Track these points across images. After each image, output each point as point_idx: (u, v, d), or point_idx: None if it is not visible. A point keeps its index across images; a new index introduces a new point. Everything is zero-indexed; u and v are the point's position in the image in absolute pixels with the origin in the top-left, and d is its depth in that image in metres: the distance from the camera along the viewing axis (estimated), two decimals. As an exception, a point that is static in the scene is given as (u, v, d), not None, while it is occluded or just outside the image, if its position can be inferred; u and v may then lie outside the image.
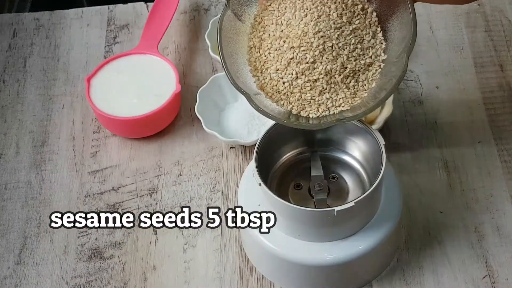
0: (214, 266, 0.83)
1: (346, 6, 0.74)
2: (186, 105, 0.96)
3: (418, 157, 0.90)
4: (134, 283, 0.82)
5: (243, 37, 0.76)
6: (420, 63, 0.99)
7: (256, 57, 0.75)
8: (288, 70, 0.73)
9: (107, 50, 1.04)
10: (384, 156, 0.75)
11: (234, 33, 0.75)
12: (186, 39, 1.04)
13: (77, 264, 0.84)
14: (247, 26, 0.76)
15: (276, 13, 0.75)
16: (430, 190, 0.87)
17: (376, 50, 0.74)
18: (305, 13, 0.73)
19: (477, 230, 0.84)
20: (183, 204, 0.88)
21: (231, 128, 0.92)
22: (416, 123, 0.93)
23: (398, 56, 0.73)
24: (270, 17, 0.75)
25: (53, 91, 1.00)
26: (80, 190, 0.90)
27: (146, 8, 1.08)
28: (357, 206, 0.72)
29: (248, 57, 0.75)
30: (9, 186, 0.91)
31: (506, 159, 0.89)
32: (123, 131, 0.94)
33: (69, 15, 1.08)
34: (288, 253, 0.76)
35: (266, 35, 0.75)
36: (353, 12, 0.74)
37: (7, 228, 0.87)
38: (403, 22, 0.73)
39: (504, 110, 0.94)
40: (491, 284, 0.79)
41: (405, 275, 0.81)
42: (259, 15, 0.76)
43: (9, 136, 0.95)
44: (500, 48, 1.00)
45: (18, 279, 0.83)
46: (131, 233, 0.86)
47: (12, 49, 1.05)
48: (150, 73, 0.96)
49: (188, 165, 0.91)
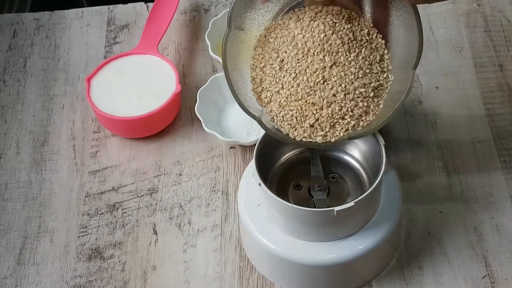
0: (214, 266, 0.83)
1: (353, 36, 0.74)
2: (186, 105, 0.96)
3: (418, 157, 0.90)
4: (134, 283, 0.82)
5: (247, 50, 0.76)
6: (420, 63, 0.99)
7: (260, 90, 0.76)
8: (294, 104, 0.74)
9: (107, 50, 1.04)
10: (384, 156, 0.75)
11: (237, 46, 0.75)
12: (186, 39, 1.04)
13: (77, 264, 0.84)
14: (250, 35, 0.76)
15: (276, 48, 0.75)
16: (430, 190, 0.87)
17: (385, 74, 0.75)
18: (308, 61, 0.74)
19: (476, 230, 0.84)
20: (183, 204, 0.88)
21: (231, 128, 0.93)
22: (416, 123, 0.93)
23: (402, 71, 0.73)
24: (270, 54, 0.75)
25: (53, 91, 1.00)
26: (80, 190, 0.90)
27: (146, 8, 1.08)
28: (357, 206, 0.72)
29: (252, 86, 0.76)
30: (9, 186, 0.91)
31: (506, 159, 0.89)
32: (123, 131, 0.94)
33: (69, 15, 1.08)
34: (288, 253, 0.76)
35: (268, 70, 0.75)
36: (360, 41, 0.74)
37: (7, 228, 0.87)
38: (409, 39, 0.74)
39: (504, 110, 0.94)
40: (491, 284, 0.80)
41: (405, 275, 0.81)
42: (259, 46, 0.76)
43: (9, 136, 0.96)
44: (499, 48, 1.00)
45: (18, 279, 0.83)
46: (131, 233, 0.86)
47: (12, 49, 1.05)
48: (150, 73, 0.96)
49: (188, 165, 0.91)
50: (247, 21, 0.75)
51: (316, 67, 0.73)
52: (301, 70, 0.73)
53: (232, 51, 0.74)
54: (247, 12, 0.74)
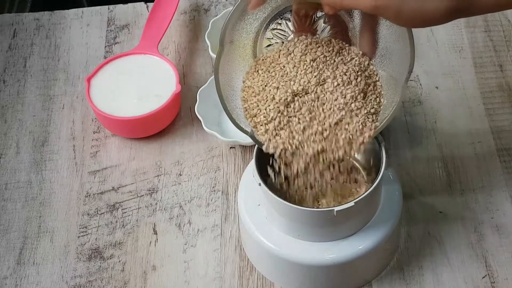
0: (214, 266, 0.83)
1: (346, 68, 0.74)
2: (186, 105, 0.96)
3: (418, 157, 0.90)
4: (134, 283, 0.82)
5: (237, 62, 0.76)
6: (420, 63, 0.99)
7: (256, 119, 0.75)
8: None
9: (107, 50, 1.04)
10: (384, 156, 0.75)
11: (228, 60, 0.74)
12: (186, 39, 1.04)
13: (77, 264, 0.84)
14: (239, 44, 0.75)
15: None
16: (430, 190, 0.87)
17: (378, 99, 0.75)
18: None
19: (476, 230, 0.84)
20: (183, 204, 0.88)
21: (231, 128, 0.92)
22: (416, 123, 0.93)
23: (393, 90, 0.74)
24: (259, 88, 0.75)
25: (53, 91, 1.00)
26: (80, 190, 0.90)
27: (146, 8, 1.08)
28: (357, 206, 0.72)
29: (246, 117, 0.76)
30: (9, 186, 0.91)
31: (506, 159, 0.89)
32: (123, 131, 0.94)
33: (69, 15, 1.08)
34: (288, 253, 0.76)
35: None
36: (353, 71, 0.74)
37: (7, 228, 0.87)
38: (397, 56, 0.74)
39: (504, 110, 0.94)
40: (491, 284, 0.80)
41: (405, 275, 0.81)
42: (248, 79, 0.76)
43: (9, 136, 0.96)
44: (499, 48, 1.00)
45: (18, 279, 0.83)
46: (131, 233, 0.86)
47: (12, 49, 1.05)
48: (150, 73, 0.96)
49: (188, 165, 0.91)
50: (236, 32, 0.74)
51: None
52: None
53: (223, 67, 0.74)
54: (236, 24, 0.74)
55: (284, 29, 0.77)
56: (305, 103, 0.73)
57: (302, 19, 0.75)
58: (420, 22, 0.64)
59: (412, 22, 0.64)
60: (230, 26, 0.72)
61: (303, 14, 0.75)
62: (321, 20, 0.76)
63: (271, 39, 0.77)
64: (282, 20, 0.76)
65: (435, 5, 0.63)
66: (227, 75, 0.75)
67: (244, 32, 0.75)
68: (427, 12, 0.63)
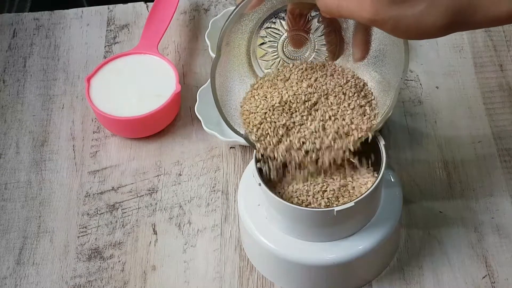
0: (214, 266, 0.83)
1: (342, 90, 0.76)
2: (186, 105, 0.96)
3: (418, 157, 0.90)
4: (134, 283, 0.82)
5: (234, 64, 0.77)
6: (420, 63, 0.99)
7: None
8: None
9: (107, 50, 1.04)
10: (384, 156, 0.75)
11: (224, 62, 0.75)
12: (186, 39, 1.04)
13: (77, 264, 0.84)
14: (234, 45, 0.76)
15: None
16: (430, 190, 0.87)
17: (373, 114, 0.76)
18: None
19: (477, 230, 0.84)
20: (183, 204, 0.88)
21: (231, 128, 0.92)
22: (416, 123, 0.93)
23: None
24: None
25: (53, 91, 1.00)
26: (80, 190, 0.90)
27: (146, 8, 1.08)
28: (357, 206, 0.72)
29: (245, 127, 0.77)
30: (9, 186, 0.91)
31: (506, 159, 0.89)
32: (123, 131, 0.94)
33: (69, 15, 1.08)
34: (288, 253, 0.76)
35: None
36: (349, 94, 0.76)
37: (7, 228, 0.87)
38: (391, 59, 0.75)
39: (504, 110, 0.94)
40: (491, 284, 0.80)
41: (405, 275, 0.81)
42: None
43: (9, 136, 0.96)
44: (500, 48, 1.00)
45: (18, 279, 0.83)
46: (131, 233, 0.86)
47: (12, 49, 1.05)
48: (150, 73, 0.96)
49: (188, 165, 0.91)
50: (232, 35, 0.74)
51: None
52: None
53: (220, 71, 0.74)
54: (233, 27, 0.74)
55: (278, 27, 0.77)
56: (299, 111, 0.75)
57: (296, 18, 0.76)
58: (417, 35, 0.65)
59: (409, 35, 0.64)
60: (227, 32, 0.72)
61: (297, 13, 0.75)
62: (315, 19, 0.76)
63: (264, 38, 0.77)
64: (277, 19, 0.76)
65: (432, 20, 0.63)
66: (222, 76, 0.75)
67: (240, 33, 0.75)
68: (424, 27, 0.63)
